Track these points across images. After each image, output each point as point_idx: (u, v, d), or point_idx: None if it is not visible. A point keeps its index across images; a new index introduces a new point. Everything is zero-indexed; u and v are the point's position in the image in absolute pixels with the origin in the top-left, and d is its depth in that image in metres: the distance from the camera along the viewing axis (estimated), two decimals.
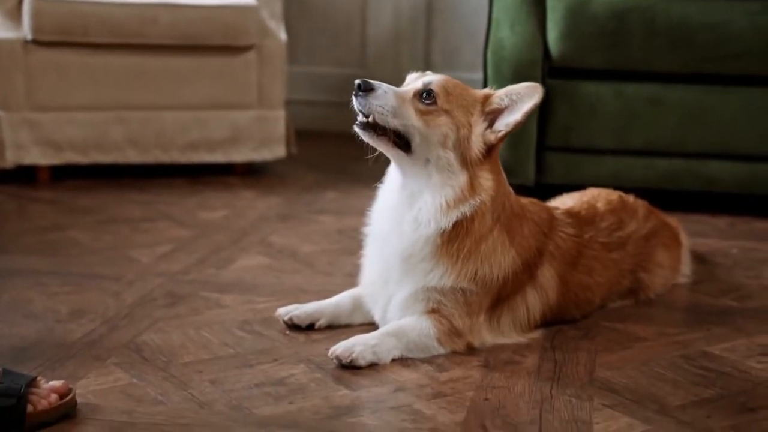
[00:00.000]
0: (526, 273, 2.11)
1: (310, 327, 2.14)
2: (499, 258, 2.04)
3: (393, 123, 1.98)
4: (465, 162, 2.00)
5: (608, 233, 2.32)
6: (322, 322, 2.14)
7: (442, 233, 2.00)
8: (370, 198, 3.39)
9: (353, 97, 1.98)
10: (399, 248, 2.04)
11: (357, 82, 1.97)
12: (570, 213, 2.28)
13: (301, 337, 2.09)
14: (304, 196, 3.48)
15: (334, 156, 4.29)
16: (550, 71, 3.34)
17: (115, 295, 2.34)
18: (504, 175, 2.11)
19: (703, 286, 2.55)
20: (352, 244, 2.85)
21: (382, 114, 1.97)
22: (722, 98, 3.30)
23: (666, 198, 3.11)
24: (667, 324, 2.26)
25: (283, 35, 3.82)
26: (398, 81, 5.10)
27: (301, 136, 4.27)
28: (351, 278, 2.49)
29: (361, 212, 3.25)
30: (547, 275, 2.15)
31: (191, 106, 3.70)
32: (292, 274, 2.56)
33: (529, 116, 2.02)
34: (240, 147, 3.75)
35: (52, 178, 3.61)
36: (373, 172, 2.25)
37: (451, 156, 2.00)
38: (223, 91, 3.72)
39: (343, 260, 2.69)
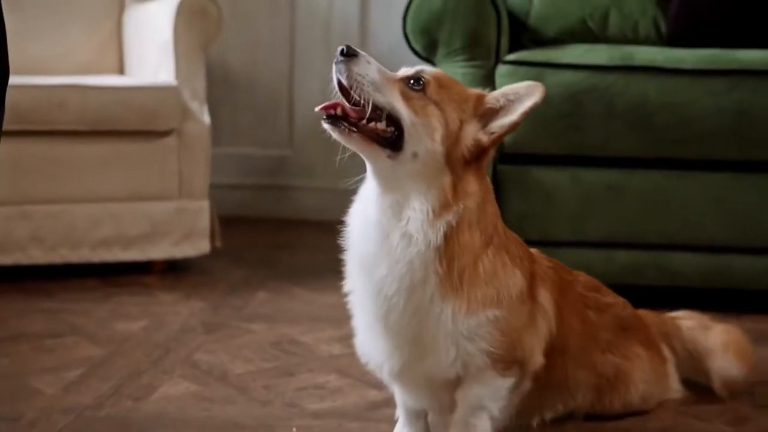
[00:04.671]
0: (530, 295, 1.86)
1: None
2: (504, 279, 1.79)
3: (374, 97, 1.69)
4: (450, 161, 1.73)
5: (586, 289, 2.11)
6: None
7: (440, 257, 1.72)
8: (305, 300, 3.06)
9: (333, 65, 1.70)
10: (395, 274, 1.73)
11: (341, 47, 1.70)
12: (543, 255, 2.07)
13: None
14: (231, 299, 3.12)
15: (262, 246, 3.94)
16: (502, 157, 3.07)
17: None
18: (493, 194, 1.85)
19: (692, 405, 2.25)
20: (290, 361, 2.52)
21: (362, 84, 1.68)
22: (685, 184, 3.06)
23: (628, 293, 2.83)
24: None
25: (206, 117, 3.49)
26: (329, 160, 4.85)
27: (226, 223, 3.90)
28: (292, 408, 2.15)
29: (296, 319, 2.94)
30: (545, 297, 1.92)
31: (104, 199, 3.32)
32: (224, 405, 2.20)
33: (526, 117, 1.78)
34: (159, 243, 3.38)
35: None
36: (306, 265, 1.93)
37: (439, 149, 1.72)
38: (139, 180, 3.36)
39: (281, 383, 2.34)
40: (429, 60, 3.13)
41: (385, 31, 4.28)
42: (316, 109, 1.75)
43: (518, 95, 1.77)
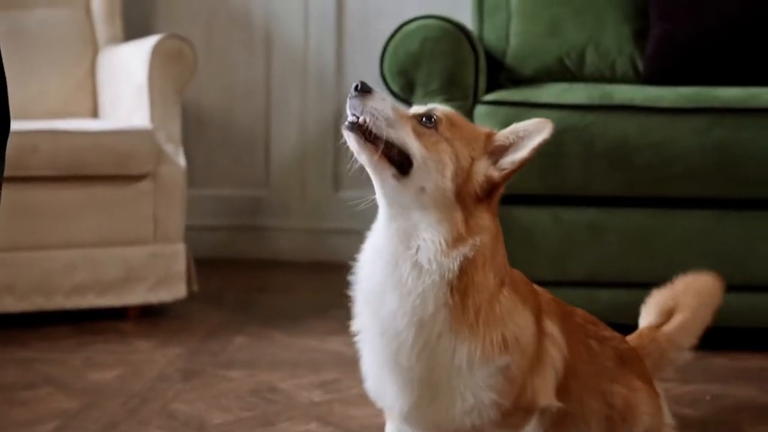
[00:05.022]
0: (539, 329, 1.82)
1: None
2: (520, 321, 1.75)
3: (387, 132, 1.68)
4: (461, 197, 1.70)
5: (585, 321, 2.06)
6: None
7: (451, 290, 1.67)
8: (283, 345, 3.00)
9: (348, 100, 1.70)
10: (406, 307, 1.67)
11: (355, 83, 1.71)
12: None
13: None
14: (208, 345, 3.06)
15: (239, 288, 3.89)
16: None
17: None
18: (502, 235, 1.80)
19: None
20: (269, 409, 2.46)
21: (376, 119, 1.67)
22: (667, 223, 3.04)
23: None
24: None
25: (182, 160, 3.44)
26: (306, 201, 4.81)
27: (201, 265, 3.84)
28: None
29: (275, 365, 2.88)
30: (553, 327, 1.88)
31: (77, 244, 3.27)
32: None
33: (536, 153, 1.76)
34: (134, 288, 3.32)
35: None
36: (284, 308, 1.87)
37: (449, 186, 1.69)
38: (114, 225, 3.31)
39: None
40: (406, 101, 3.10)
41: (362, 71, 4.25)
42: (345, 124, 1.73)
43: (528, 132, 1.76)
